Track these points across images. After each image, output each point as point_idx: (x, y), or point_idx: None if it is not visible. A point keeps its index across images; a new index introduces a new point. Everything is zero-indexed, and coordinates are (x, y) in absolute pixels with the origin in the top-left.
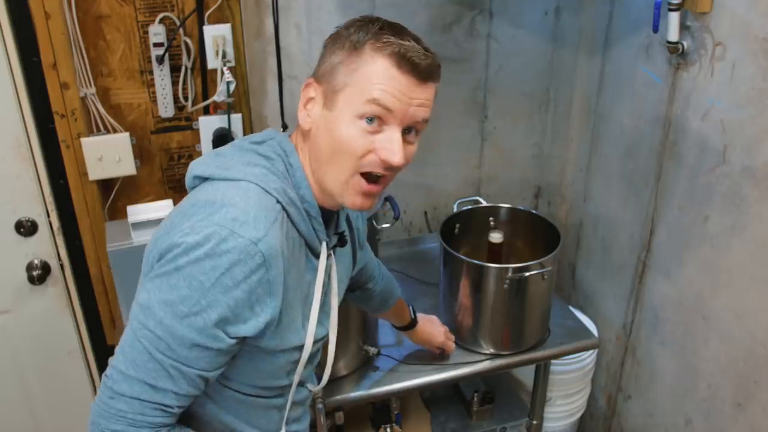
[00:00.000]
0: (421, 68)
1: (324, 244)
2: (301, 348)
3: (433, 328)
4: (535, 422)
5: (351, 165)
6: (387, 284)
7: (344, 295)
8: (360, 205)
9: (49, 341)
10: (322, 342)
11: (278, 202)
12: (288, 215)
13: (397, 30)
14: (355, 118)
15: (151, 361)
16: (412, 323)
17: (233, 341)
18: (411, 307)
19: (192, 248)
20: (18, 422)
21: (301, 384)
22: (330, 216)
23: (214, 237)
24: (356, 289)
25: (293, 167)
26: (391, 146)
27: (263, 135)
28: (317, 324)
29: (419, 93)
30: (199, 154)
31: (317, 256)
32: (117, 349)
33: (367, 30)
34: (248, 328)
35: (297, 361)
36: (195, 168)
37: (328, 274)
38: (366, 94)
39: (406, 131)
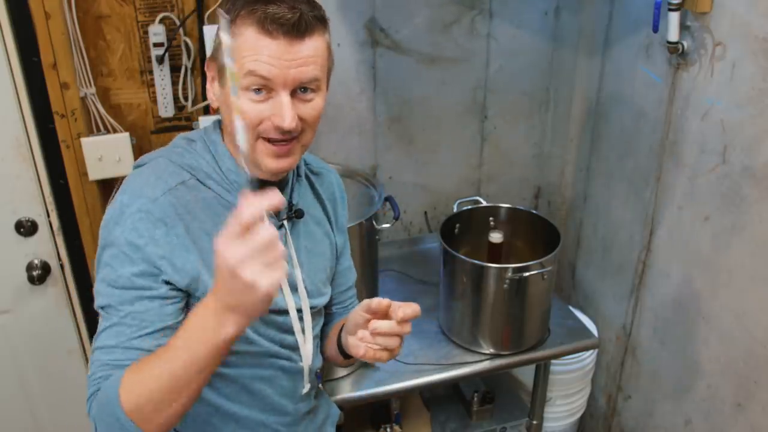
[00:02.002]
0: (290, 26)
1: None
2: None
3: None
4: (535, 422)
5: (252, 134)
6: None
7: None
8: (277, 167)
9: (49, 341)
10: (283, 312)
11: (189, 173)
12: (208, 187)
13: None
14: (243, 92)
15: (114, 328)
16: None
17: (167, 287)
18: None
19: (108, 222)
20: (18, 422)
21: (280, 357)
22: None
23: (119, 205)
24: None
25: (214, 143)
26: (280, 111)
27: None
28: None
29: (296, 52)
30: None
31: None
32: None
33: (240, 2)
34: (177, 277)
35: (261, 324)
36: (138, 161)
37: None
38: (243, 67)
39: (301, 91)
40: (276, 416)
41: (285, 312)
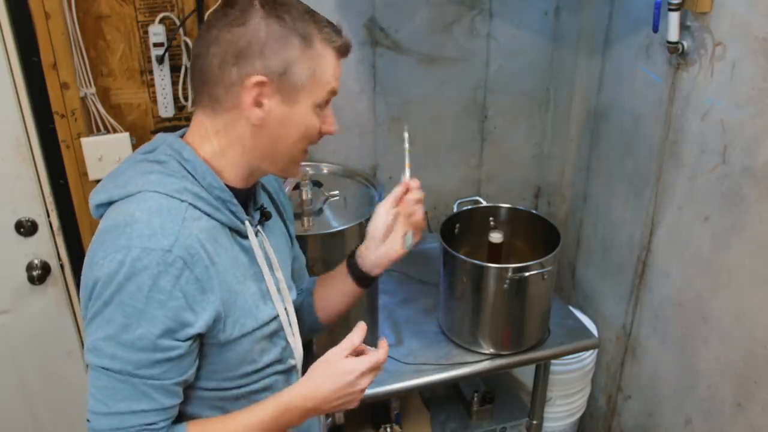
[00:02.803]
0: (349, 52)
1: (247, 222)
2: (259, 328)
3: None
4: (535, 422)
5: (306, 146)
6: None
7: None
8: (297, 173)
9: (49, 341)
10: (277, 318)
11: (182, 201)
12: (198, 209)
13: (316, 14)
14: (315, 107)
15: (121, 392)
16: (352, 255)
17: (189, 342)
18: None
19: (111, 278)
20: (18, 422)
21: (278, 362)
22: (246, 195)
23: (127, 259)
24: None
25: (190, 161)
26: (332, 119)
27: (154, 142)
28: (267, 300)
29: None
30: None
31: (244, 236)
32: (87, 396)
33: (298, 16)
34: (196, 327)
35: (262, 340)
36: (94, 197)
37: (263, 249)
38: (326, 86)
39: None
40: None
41: (275, 318)
